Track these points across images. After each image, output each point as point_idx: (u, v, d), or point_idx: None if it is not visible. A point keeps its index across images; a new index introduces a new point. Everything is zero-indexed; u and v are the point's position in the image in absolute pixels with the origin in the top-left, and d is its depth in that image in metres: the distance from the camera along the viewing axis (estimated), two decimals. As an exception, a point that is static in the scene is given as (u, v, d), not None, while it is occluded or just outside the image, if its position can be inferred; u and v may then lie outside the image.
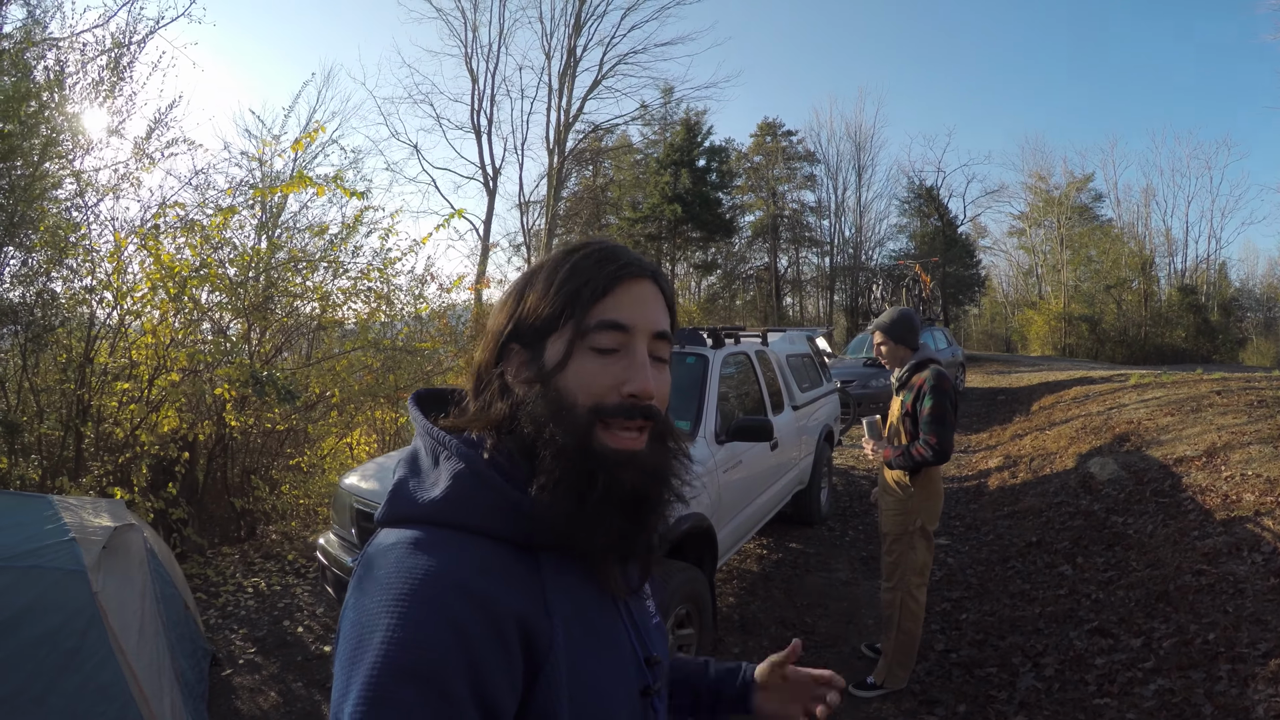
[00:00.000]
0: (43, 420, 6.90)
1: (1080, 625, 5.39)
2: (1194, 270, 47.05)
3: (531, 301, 1.11)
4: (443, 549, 0.96)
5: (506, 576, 0.97)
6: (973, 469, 11.60)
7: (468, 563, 0.95)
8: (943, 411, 4.53)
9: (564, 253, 1.14)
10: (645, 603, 1.28)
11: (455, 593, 0.90)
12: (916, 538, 4.80)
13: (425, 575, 0.91)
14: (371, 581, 0.94)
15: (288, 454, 9.07)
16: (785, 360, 8.19)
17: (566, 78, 33.76)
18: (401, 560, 0.94)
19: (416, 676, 0.84)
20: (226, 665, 5.36)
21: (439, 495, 1.02)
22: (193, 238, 7.46)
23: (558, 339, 1.07)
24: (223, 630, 5.94)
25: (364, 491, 5.11)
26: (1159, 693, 4.32)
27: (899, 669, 4.88)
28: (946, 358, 20.17)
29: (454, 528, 1.00)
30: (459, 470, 1.04)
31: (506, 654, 0.92)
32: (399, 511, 1.05)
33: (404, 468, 1.10)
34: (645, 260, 1.15)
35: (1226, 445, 8.16)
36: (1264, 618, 4.65)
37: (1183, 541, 6.06)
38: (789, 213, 47.30)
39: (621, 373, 1.06)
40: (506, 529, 1.01)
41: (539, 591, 1.00)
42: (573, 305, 1.07)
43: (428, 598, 0.89)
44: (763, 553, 7.74)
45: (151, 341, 7.12)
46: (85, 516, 4.12)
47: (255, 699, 4.96)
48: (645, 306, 1.11)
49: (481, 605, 0.91)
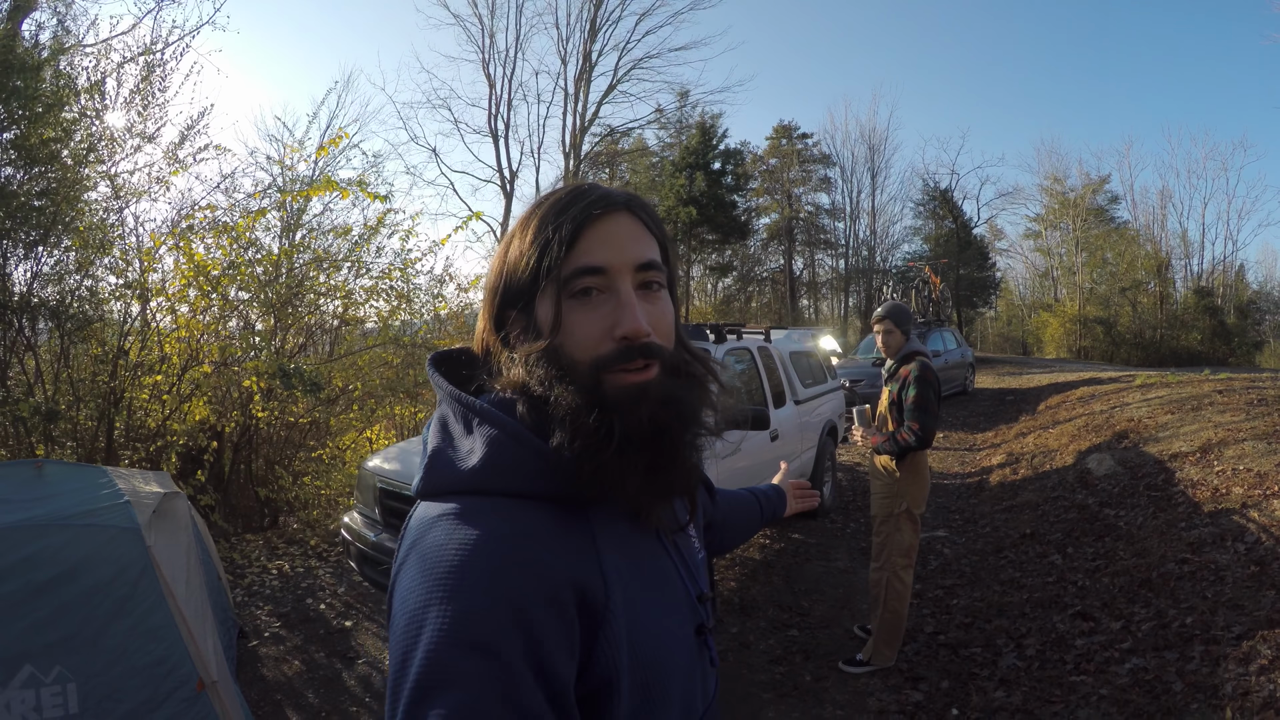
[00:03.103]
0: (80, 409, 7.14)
1: (1064, 610, 5.57)
2: (1210, 273, 46.63)
3: (511, 261, 1.09)
4: (489, 518, 0.94)
5: (556, 539, 0.96)
6: (976, 466, 11.77)
7: (516, 530, 0.93)
8: (926, 400, 4.81)
9: (533, 206, 1.12)
10: (691, 539, 1.28)
11: (506, 562, 0.89)
12: (903, 520, 5.02)
13: (474, 547, 0.90)
14: (420, 557, 0.92)
15: (310, 446, 9.29)
16: (788, 357, 8.39)
17: (582, 82, 34.03)
18: (450, 533, 0.92)
19: (474, 650, 0.83)
20: (253, 638, 5.64)
21: (478, 463, 0.99)
22: (223, 238, 7.72)
23: (543, 298, 1.05)
24: (249, 607, 6.21)
25: (387, 472, 5.39)
26: (1133, 671, 4.50)
27: (886, 647, 5.09)
28: (956, 359, 20.21)
29: (496, 494, 0.98)
30: (493, 435, 1.01)
31: (563, 620, 0.90)
32: (439, 483, 1.02)
33: (436, 436, 1.07)
34: (614, 191, 1.10)
35: (1221, 441, 8.30)
36: (1241, 603, 4.82)
37: (1170, 532, 6.23)
38: (804, 215, 47.15)
39: (609, 316, 1.02)
40: (551, 488, 0.99)
41: (590, 548, 0.99)
42: (546, 259, 1.04)
43: (478, 570, 0.88)
44: (765, 542, 7.93)
45: (185, 335, 7.37)
46: (136, 484, 4.45)
47: (280, 667, 5.25)
48: (621, 240, 1.06)
49: (534, 573, 0.90)
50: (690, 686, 1.10)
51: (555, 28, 43.56)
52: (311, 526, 8.49)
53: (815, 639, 5.66)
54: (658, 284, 1.08)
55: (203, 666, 3.72)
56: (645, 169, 40.78)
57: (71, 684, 3.39)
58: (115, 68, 8.33)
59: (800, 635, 5.73)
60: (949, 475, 11.28)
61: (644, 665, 0.99)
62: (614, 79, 34.32)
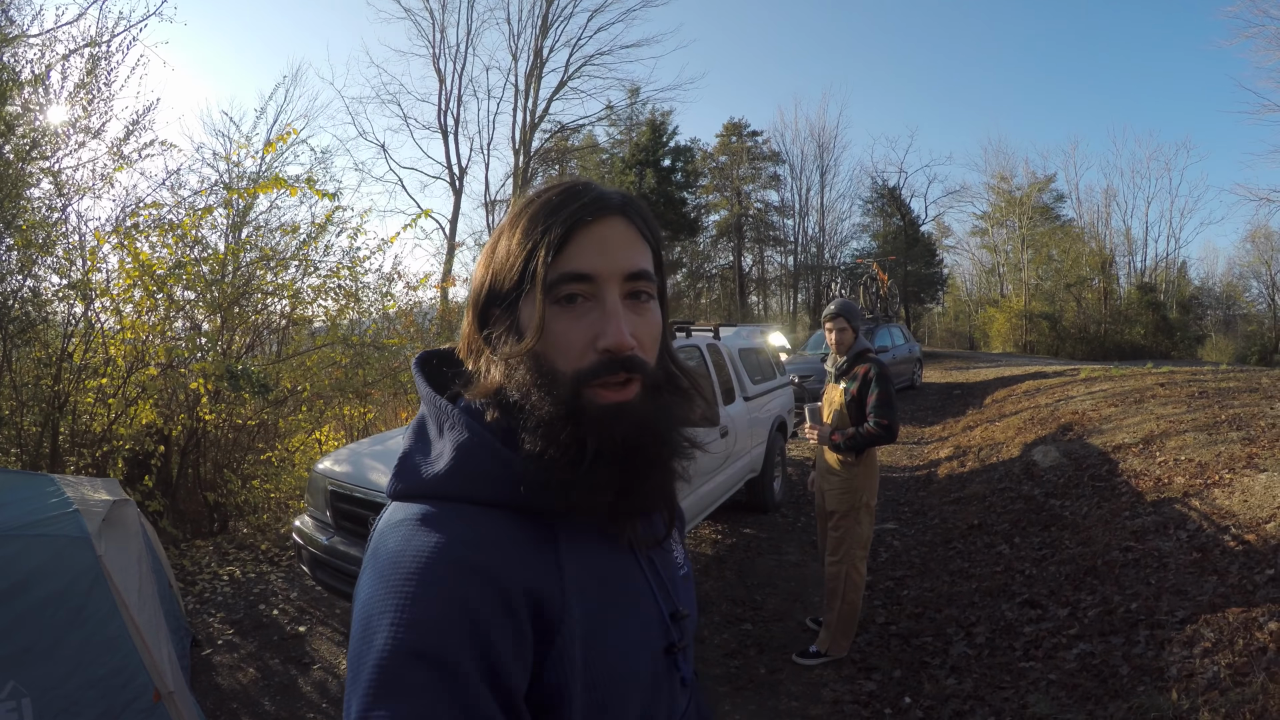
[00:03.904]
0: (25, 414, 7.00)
1: (1012, 598, 5.66)
2: (1153, 269, 47.36)
3: (499, 260, 1.04)
4: (449, 525, 0.92)
5: (516, 548, 0.94)
6: (924, 459, 11.87)
7: (474, 538, 0.91)
8: (890, 396, 4.90)
9: (524, 203, 1.06)
10: (671, 554, 1.24)
11: (461, 570, 0.87)
12: (862, 513, 5.08)
13: (431, 553, 0.88)
14: (379, 562, 0.91)
15: (259, 449, 9.15)
16: (737, 354, 8.43)
17: (533, 79, 33.78)
18: (408, 539, 0.90)
19: (425, 658, 0.81)
20: (206, 646, 5.54)
21: (443, 469, 0.98)
22: (168, 236, 7.56)
23: (528, 301, 1.00)
24: (201, 615, 6.10)
25: (338, 475, 5.29)
26: (1080, 656, 4.58)
27: (841, 638, 5.14)
28: (904, 354, 20.40)
29: (461, 500, 0.96)
30: (462, 441, 0.99)
31: (516, 630, 0.88)
32: (405, 486, 1.01)
33: (409, 438, 1.06)
34: (610, 193, 1.05)
35: (1164, 433, 8.47)
36: (1184, 588, 4.93)
37: (1114, 521, 6.35)
38: (753, 212, 47.41)
39: (594, 325, 0.98)
40: (516, 498, 0.96)
41: (551, 560, 0.97)
42: (533, 261, 0.99)
43: (434, 577, 0.86)
44: (717, 538, 7.96)
45: (130, 337, 7.22)
46: (85, 492, 4.33)
47: (235, 675, 5.16)
48: (612, 248, 1.01)
49: (489, 581, 0.88)
50: (653, 707, 1.08)
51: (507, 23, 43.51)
52: (262, 531, 8.37)
53: (769, 632, 5.69)
54: (647, 294, 1.05)
55: (158, 677, 3.65)
56: (595, 166, 40.61)
57: (26, 699, 3.30)
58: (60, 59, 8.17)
59: (754, 629, 5.76)
60: (898, 469, 11.38)
61: (599, 683, 0.97)
62: (565, 75, 34.13)
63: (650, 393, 1.02)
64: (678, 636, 1.14)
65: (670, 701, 1.12)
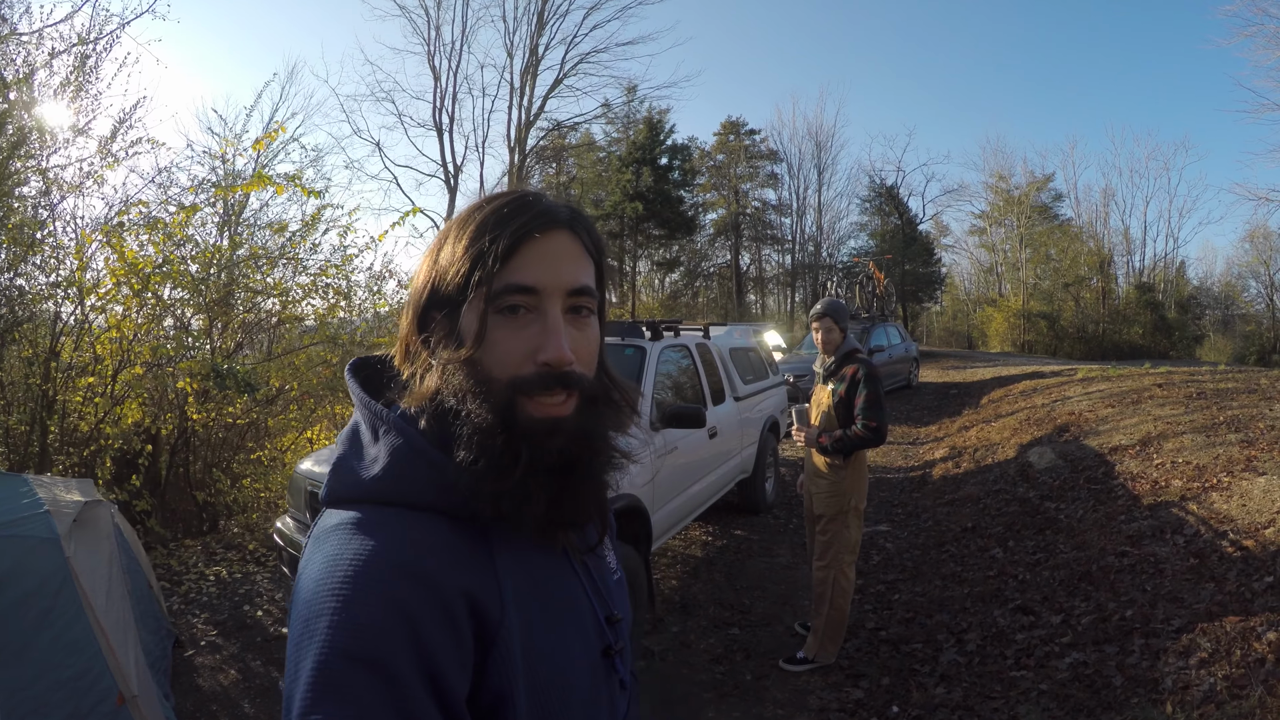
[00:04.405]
0: (11, 413, 6.91)
1: (1005, 604, 5.55)
2: (1151, 269, 47.48)
3: (443, 264, 1.04)
4: (385, 529, 0.92)
5: (452, 553, 0.94)
6: (919, 460, 11.77)
7: (411, 542, 0.91)
8: (879, 397, 4.78)
9: (473, 208, 1.07)
10: (605, 559, 1.26)
11: (398, 574, 0.87)
12: (851, 517, 4.97)
13: (368, 557, 0.88)
14: (315, 566, 0.90)
15: (249, 448, 9.08)
16: (728, 353, 8.33)
17: (528, 76, 33.66)
18: (344, 543, 0.90)
19: (362, 661, 0.81)
20: (189, 647, 5.48)
21: (379, 472, 0.97)
22: (155, 235, 7.46)
23: (470, 309, 1.00)
24: (185, 615, 6.04)
25: (318, 475, 5.23)
26: (1073, 665, 4.47)
27: (829, 644, 5.03)
28: (900, 353, 20.33)
29: (397, 505, 0.96)
30: (397, 445, 0.99)
31: (455, 633, 0.88)
32: (340, 491, 1.00)
33: (344, 444, 1.05)
34: (558, 208, 1.06)
35: (1161, 435, 8.37)
36: (1180, 595, 4.82)
37: (1110, 525, 6.24)
38: (751, 211, 47.38)
39: (534, 338, 0.99)
40: (449, 503, 0.97)
41: (488, 564, 0.97)
42: (478, 270, 0.99)
43: (371, 580, 0.86)
44: (708, 539, 7.85)
45: (116, 336, 7.14)
46: (57, 493, 4.33)
47: (216, 676, 5.09)
48: (557, 262, 1.02)
49: (426, 585, 0.88)
50: (594, 710, 1.08)
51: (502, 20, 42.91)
52: (251, 530, 8.30)
53: (756, 637, 5.59)
54: (588, 309, 1.06)
55: (122, 680, 3.64)
56: (592, 164, 40.61)
57: (-4, 698, 3.30)
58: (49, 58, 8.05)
59: (741, 634, 5.65)
60: (892, 469, 11.28)
61: (541, 686, 0.97)
62: (560, 73, 33.98)
63: (586, 406, 1.03)
64: (614, 639, 1.15)
65: (610, 704, 1.14)
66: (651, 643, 5.47)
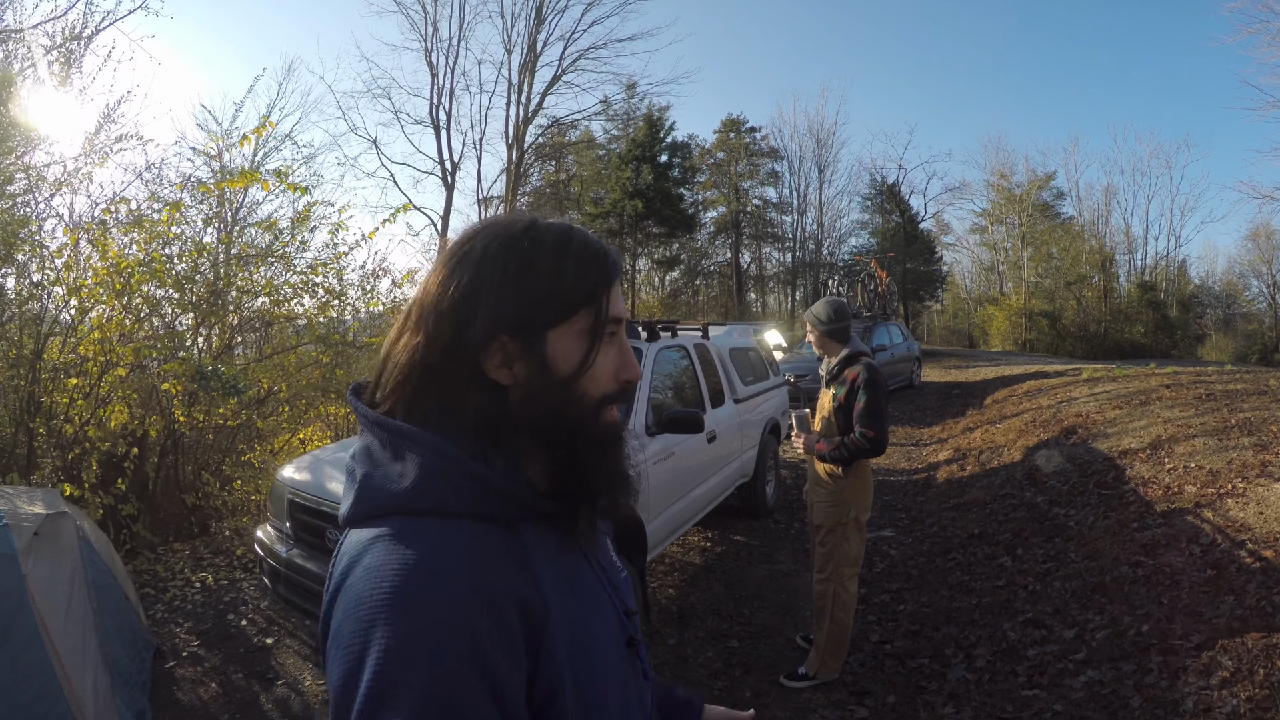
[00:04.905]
0: (-5, 416, 6.78)
1: (1015, 616, 5.35)
2: (1153, 268, 47.46)
3: (532, 290, 1.06)
4: (426, 538, 0.93)
5: (495, 556, 0.96)
6: (923, 462, 11.58)
7: (455, 549, 0.93)
8: (879, 405, 4.49)
9: (561, 241, 1.11)
10: (611, 556, 1.30)
11: (449, 585, 0.88)
12: (850, 529, 4.72)
13: (416, 568, 0.89)
14: (359, 581, 0.90)
15: (240, 450, 8.93)
16: (727, 354, 8.14)
17: (526, 72, 33.48)
18: (385, 559, 0.91)
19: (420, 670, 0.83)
20: (170, 658, 5.33)
21: (412, 483, 0.98)
22: (140, 233, 7.33)
23: (566, 332, 1.07)
24: (168, 624, 5.90)
25: (299, 484, 4.98)
26: (1088, 684, 4.27)
27: (831, 659, 4.81)
28: (902, 352, 20.20)
29: (432, 514, 0.96)
30: (427, 456, 0.99)
31: (508, 635, 0.90)
32: (370, 506, 1.00)
33: (364, 464, 1.05)
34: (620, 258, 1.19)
35: (1172, 438, 8.18)
36: (1199, 609, 4.62)
37: (1122, 533, 6.04)
38: (751, 209, 47.29)
39: (617, 359, 1.12)
40: (485, 508, 0.99)
41: (527, 565, 0.99)
42: (592, 298, 1.08)
43: (424, 589, 0.87)
44: (706, 545, 7.64)
45: (99, 337, 6.99)
46: (19, 504, 4.19)
47: (196, 690, 4.93)
48: (621, 299, 1.15)
49: (479, 592, 0.90)
50: (629, 700, 1.13)
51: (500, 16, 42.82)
52: (240, 535, 8.15)
53: (756, 650, 5.38)
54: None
55: (77, 707, 3.49)
56: (591, 161, 40.46)
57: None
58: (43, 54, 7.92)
59: (741, 646, 5.45)
60: (895, 472, 11.10)
61: (584, 679, 1.00)
62: (559, 69, 33.80)
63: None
64: (635, 631, 1.21)
65: (639, 694, 1.19)
66: (647, 656, 5.26)
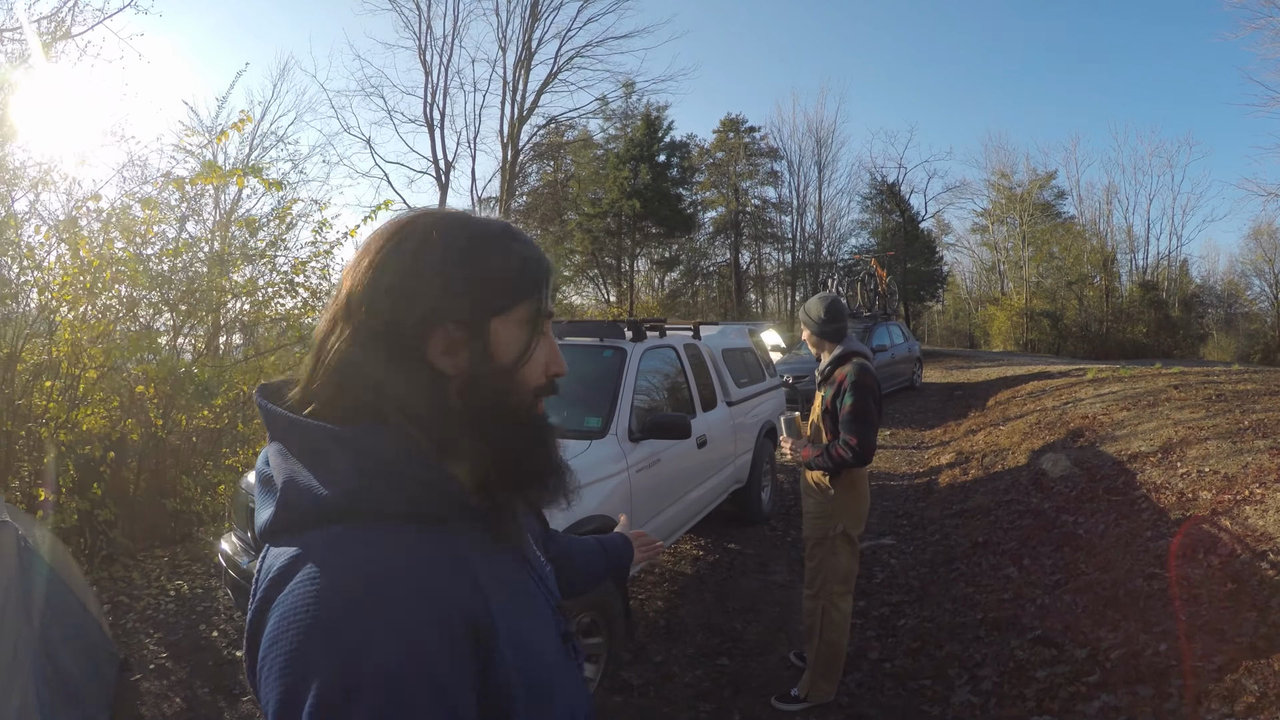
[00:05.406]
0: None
1: (1023, 634, 5.02)
2: (1155, 267, 47.56)
3: (480, 277, 1.06)
4: (365, 547, 0.89)
5: (436, 562, 0.92)
6: (924, 465, 11.32)
7: (396, 558, 0.89)
8: (864, 410, 4.14)
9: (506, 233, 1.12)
10: (535, 550, 1.28)
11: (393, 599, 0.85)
12: (838, 543, 4.38)
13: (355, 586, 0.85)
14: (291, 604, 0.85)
15: (223, 454, 8.74)
16: (720, 355, 7.83)
17: (521, 71, 33.21)
18: (321, 572, 0.86)
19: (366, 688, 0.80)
20: (136, 670, 5.16)
21: (343, 486, 0.92)
22: (114, 231, 7.15)
23: (508, 321, 1.08)
24: (138, 635, 5.74)
25: None
26: (1103, 710, 3.95)
27: (824, 681, 4.49)
28: (903, 352, 20.01)
29: (366, 518, 0.92)
30: (358, 456, 0.95)
31: (458, 650, 0.88)
32: (296, 515, 0.93)
33: (283, 471, 0.98)
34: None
35: (1183, 441, 7.88)
36: (1220, 627, 4.29)
37: (1135, 542, 5.72)
38: (751, 209, 47.16)
39: (548, 353, 1.14)
40: (423, 509, 0.96)
41: (467, 567, 0.96)
42: (535, 290, 1.10)
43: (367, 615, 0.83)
44: (698, 554, 7.36)
45: (68, 338, 6.82)
46: None
47: (160, 705, 4.78)
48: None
49: (424, 605, 0.86)
50: (570, 691, 1.13)
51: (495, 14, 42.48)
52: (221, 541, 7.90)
53: (747, 669, 5.08)
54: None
55: None
56: (589, 161, 40.26)
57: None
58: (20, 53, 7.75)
59: (731, 664, 5.14)
60: (896, 476, 10.83)
61: (531, 678, 0.99)
62: (555, 67, 33.56)
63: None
64: (567, 624, 1.20)
65: (578, 684, 1.18)
66: (631, 675, 4.95)
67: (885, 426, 14.79)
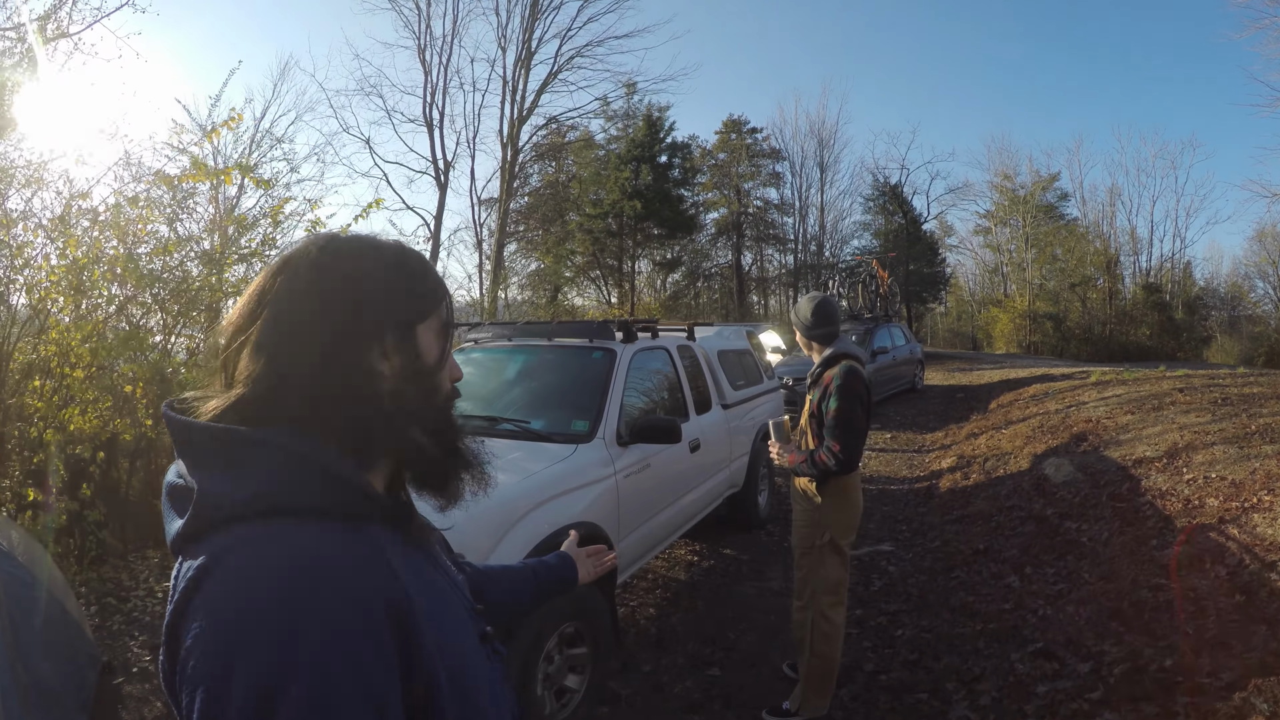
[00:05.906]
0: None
1: (1024, 646, 4.86)
2: (1158, 269, 47.53)
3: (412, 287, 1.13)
4: (286, 543, 0.89)
5: (357, 559, 0.93)
6: (925, 469, 11.17)
7: (318, 554, 0.89)
8: (849, 415, 3.98)
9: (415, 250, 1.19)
10: (442, 557, 1.27)
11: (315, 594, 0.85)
12: (826, 553, 4.23)
13: (277, 582, 0.85)
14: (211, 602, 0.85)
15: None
16: (715, 356, 7.67)
17: (521, 70, 33.07)
18: (242, 569, 0.86)
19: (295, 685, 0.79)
20: (120, 673, 5.00)
21: (260, 485, 0.93)
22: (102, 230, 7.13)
23: (428, 328, 1.14)
24: (123, 637, 5.59)
25: None
26: (1108, 729, 3.79)
27: (816, 696, 4.32)
28: (905, 355, 19.90)
29: (283, 516, 0.92)
30: (277, 455, 0.95)
31: (382, 645, 0.88)
32: (210, 517, 0.92)
33: (197, 478, 0.96)
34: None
35: (1189, 446, 7.72)
36: (1227, 641, 4.13)
37: (1140, 551, 5.57)
38: (753, 210, 47.09)
39: (449, 359, 1.19)
40: (342, 508, 0.96)
41: (387, 564, 0.96)
42: (443, 299, 1.17)
43: (289, 611, 0.83)
44: (692, 559, 7.21)
45: (55, 337, 6.80)
46: None
47: (141, 708, 4.66)
48: None
49: (347, 602, 0.86)
50: (493, 688, 1.15)
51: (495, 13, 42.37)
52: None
53: (739, 680, 4.92)
54: None
55: None
56: (590, 162, 40.12)
57: None
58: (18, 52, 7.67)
59: (723, 675, 4.98)
60: (896, 480, 10.68)
61: (456, 672, 1.01)
62: (555, 66, 33.42)
63: None
64: (485, 625, 1.23)
65: (498, 682, 1.21)
66: (618, 685, 4.79)
67: (886, 429, 14.68)
